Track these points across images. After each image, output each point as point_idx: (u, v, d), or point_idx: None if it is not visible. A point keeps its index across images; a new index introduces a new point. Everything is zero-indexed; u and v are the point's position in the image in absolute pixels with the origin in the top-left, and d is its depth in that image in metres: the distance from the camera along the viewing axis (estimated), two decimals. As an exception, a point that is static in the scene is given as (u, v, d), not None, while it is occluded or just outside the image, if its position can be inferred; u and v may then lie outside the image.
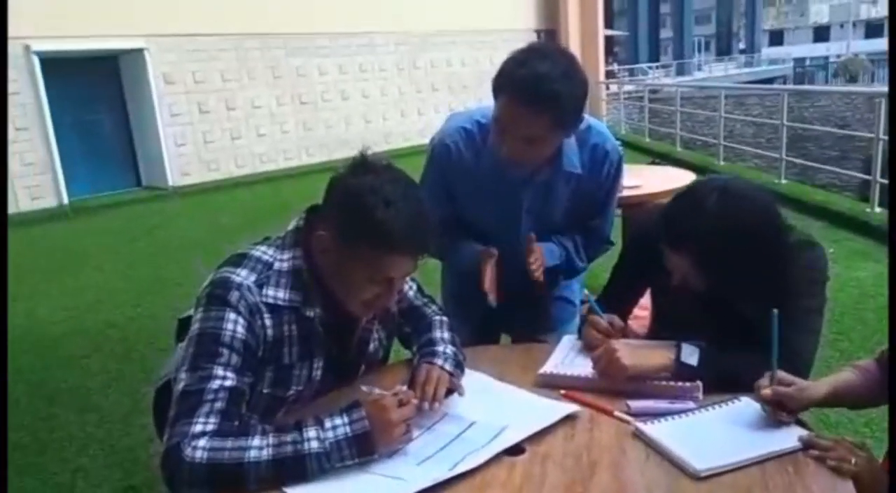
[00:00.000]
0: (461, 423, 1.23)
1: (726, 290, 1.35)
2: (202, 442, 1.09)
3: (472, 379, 1.40)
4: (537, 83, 1.40)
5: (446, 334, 1.46)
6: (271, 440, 1.09)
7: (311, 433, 1.09)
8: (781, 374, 1.15)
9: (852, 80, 30.45)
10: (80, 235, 7.40)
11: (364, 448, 1.10)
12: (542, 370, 1.41)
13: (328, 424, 1.11)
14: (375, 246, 1.17)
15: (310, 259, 1.26)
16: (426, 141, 1.79)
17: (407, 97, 12.67)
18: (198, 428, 1.10)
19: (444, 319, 1.51)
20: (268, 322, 1.22)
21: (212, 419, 1.12)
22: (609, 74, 18.83)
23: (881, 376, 1.21)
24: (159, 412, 1.47)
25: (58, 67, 8.80)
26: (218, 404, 1.13)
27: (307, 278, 1.25)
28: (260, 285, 1.22)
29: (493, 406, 1.29)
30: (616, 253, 1.74)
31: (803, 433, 1.10)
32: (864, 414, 2.39)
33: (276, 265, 1.25)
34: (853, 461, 1.00)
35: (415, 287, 1.54)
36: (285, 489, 1.06)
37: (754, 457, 1.05)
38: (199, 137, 10.31)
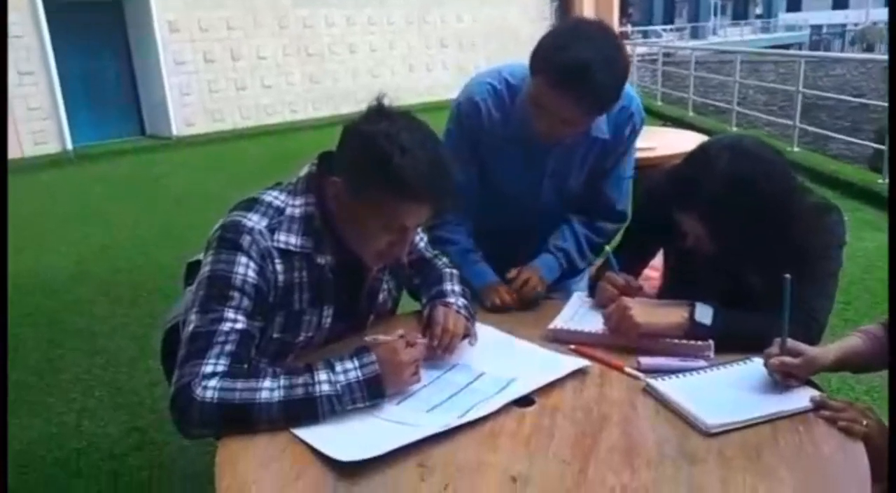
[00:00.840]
0: (470, 373, 1.23)
1: (737, 252, 1.34)
2: (213, 382, 1.09)
3: (481, 332, 1.40)
4: (579, 72, 1.34)
5: (457, 287, 1.45)
6: (282, 381, 1.09)
7: (323, 376, 1.10)
8: (791, 342, 1.14)
9: (869, 49, 29.87)
10: (84, 182, 7.38)
11: (375, 391, 1.11)
12: (551, 325, 1.40)
13: (339, 367, 1.11)
14: (390, 193, 1.15)
15: (322, 206, 1.24)
16: (434, 97, 1.77)
17: (416, 52, 12.46)
18: (208, 369, 1.11)
19: (455, 271, 1.51)
20: (279, 268, 1.21)
21: (222, 361, 1.12)
22: (622, 36, 18.43)
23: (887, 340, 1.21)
24: (167, 355, 1.48)
25: (62, 11, 8.66)
26: (228, 347, 1.13)
27: (319, 225, 1.24)
28: (272, 229, 1.21)
29: (501, 358, 1.29)
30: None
31: (814, 393, 1.10)
32: (864, 382, 2.41)
33: (288, 211, 1.24)
34: (864, 422, 1.00)
35: (425, 239, 1.53)
36: (295, 431, 1.07)
37: (765, 415, 1.05)
38: (204, 86, 10.19)
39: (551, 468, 0.98)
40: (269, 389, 1.08)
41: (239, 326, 1.15)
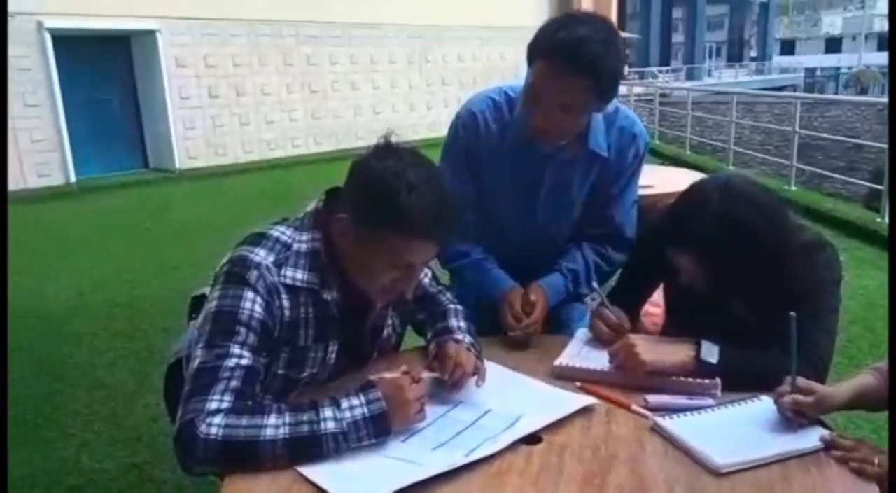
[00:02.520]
0: (476, 410, 1.22)
1: (731, 290, 1.34)
2: (217, 419, 1.08)
3: (490, 369, 1.40)
4: (577, 45, 1.35)
5: (462, 323, 1.45)
6: (287, 418, 1.08)
7: (328, 412, 1.09)
8: (801, 380, 1.13)
9: (863, 91, 30.37)
10: (86, 214, 7.40)
11: (380, 428, 1.10)
12: (557, 362, 1.40)
13: (345, 404, 1.10)
14: (397, 231, 1.16)
15: (328, 242, 1.25)
16: (434, 134, 1.79)
17: (417, 90, 12.65)
18: (213, 405, 1.10)
19: (460, 308, 1.51)
20: (286, 303, 1.21)
21: (227, 397, 1.11)
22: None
23: None
24: (170, 390, 1.47)
25: (70, 45, 8.79)
26: (234, 383, 1.13)
27: (325, 261, 1.25)
28: (279, 265, 1.21)
29: (507, 395, 1.28)
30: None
31: (825, 432, 1.09)
32: (871, 420, 2.38)
33: (295, 246, 1.24)
34: (876, 461, 0.99)
35: (430, 274, 1.53)
36: (299, 469, 1.06)
37: (776, 455, 1.04)
38: (209, 121, 10.30)
39: (561, 508, 0.96)
40: (275, 425, 1.07)
41: (244, 362, 1.15)
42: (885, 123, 6.29)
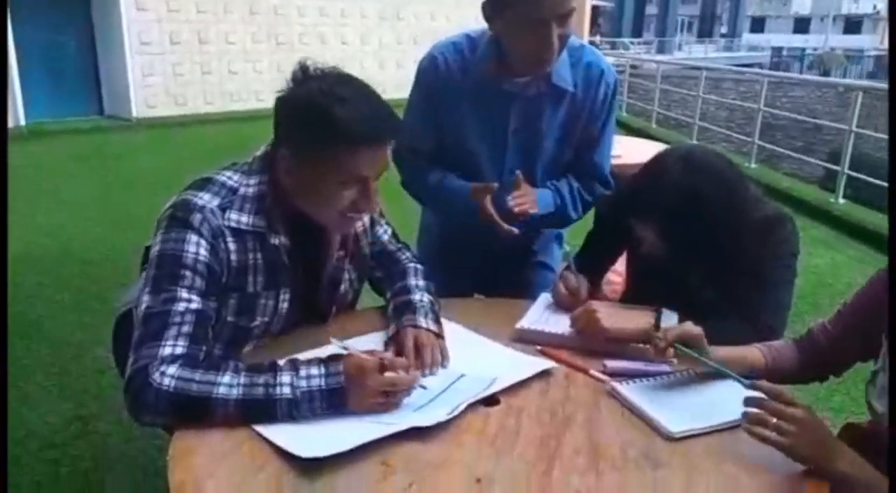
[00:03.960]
0: (449, 376, 1.21)
1: (689, 260, 1.35)
2: (171, 370, 1.05)
3: (451, 330, 1.39)
4: None
5: (421, 282, 1.44)
6: (243, 379, 1.05)
7: (285, 378, 1.06)
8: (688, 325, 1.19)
9: (825, 74, 30.89)
10: (36, 160, 7.10)
11: (335, 403, 1.06)
12: (519, 325, 1.40)
13: (303, 372, 1.07)
14: (339, 145, 1.14)
15: (276, 185, 1.22)
16: (404, 94, 1.74)
17: (387, 48, 12.39)
18: (167, 351, 1.07)
19: (419, 267, 1.49)
20: (231, 247, 1.18)
21: (181, 342, 1.09)
22: (591, 44, 18.73)
23: (798, 358, 1.26)
24: (119, 341, 1.43)
25: (24, -17, 8.33)
26: (185, 328, 1.10)
27: (272, 204, 1.22)
28: (223, 208, 1.18)
29: (476, 359, 1.28)
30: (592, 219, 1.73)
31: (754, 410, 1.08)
32: (810, 391, 2.47)
33: (242, 190, 1.21)
34: (791, 430, 0.95)
35: (389, 232, 1.51)
36: (254, 426, 1.03)
37: (727, 422, 1.06)
38: (169, 68, 9.94)
39: (516, 469, 0.97)
40: (229, 384, 1.04)
41: (193, 306, 1.12)
42: (845, 105, 6.41)
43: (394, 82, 12.20)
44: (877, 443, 1.07)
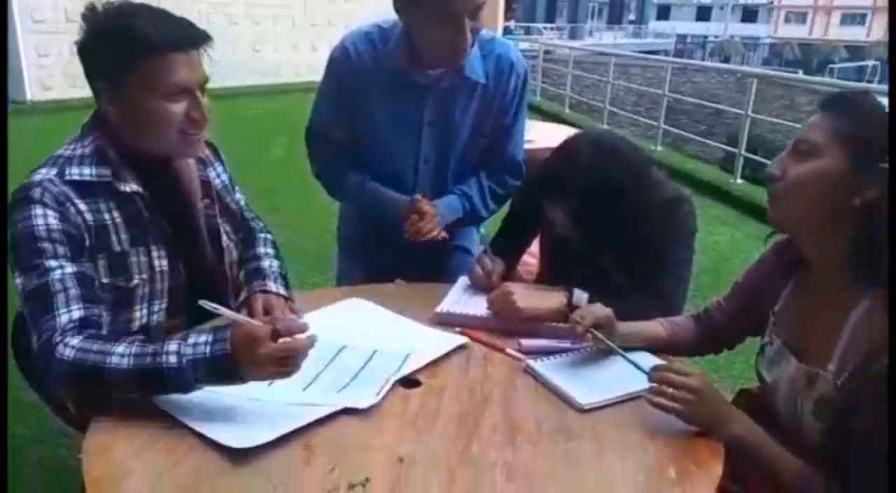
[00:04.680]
0: (363, 353, 1.23)
1: (596, 240, 1.41)
2: (74, 341, 1.05)
3: (367, 309, 1.41)
4: None
5: (270, 250, 1.50)
6: (135, 348, 1.04)
7: (172, 346, 1.03)
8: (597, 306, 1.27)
9: (726, 60, 32.57)
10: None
11: (223, 372, 1.01)
12: (438, 308, 1.43)
13: (191, 339, 1.03)
14: (149, 57, 1.14)
15: (112, 137, 1.22)
16: (317, 77, 1.73)
17: (300, 29, 12.06)
18: (63, 318, 1.07)
19: (269, 236, 1.55)
20: (82, 207, 1.16)
21: (73, 306, 1.09)
22: (506, 30, 18.92)
23: (696, 331, 1.36)
24: (18, 340, 1.38)
25: None
26: (72, 291, 1.10)
27: (114, 155, 1.21)
28: (61, 174, 1.17)
29: (390, 336, 1.31)
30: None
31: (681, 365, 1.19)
32: (712, 361, 2.64)
33: (79, 152, 1.21)
34: (687, 396, 1.03)
35: (244, 200, 1.53)
36: (182, 418, 1.02)
37: (633, 392, 1.13)
38: (65, 48, 9.27)
39: (437, 447, 1.00)
40: (121, 354, 1.03)
41: (68, 270, 1.11)
42: (743, 91, 6.80)
43: (307, 65, 11.99)
44: (765, 407, 1.18)
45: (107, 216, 1.19)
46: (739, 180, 5.81)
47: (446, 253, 1.91)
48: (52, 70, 9.26)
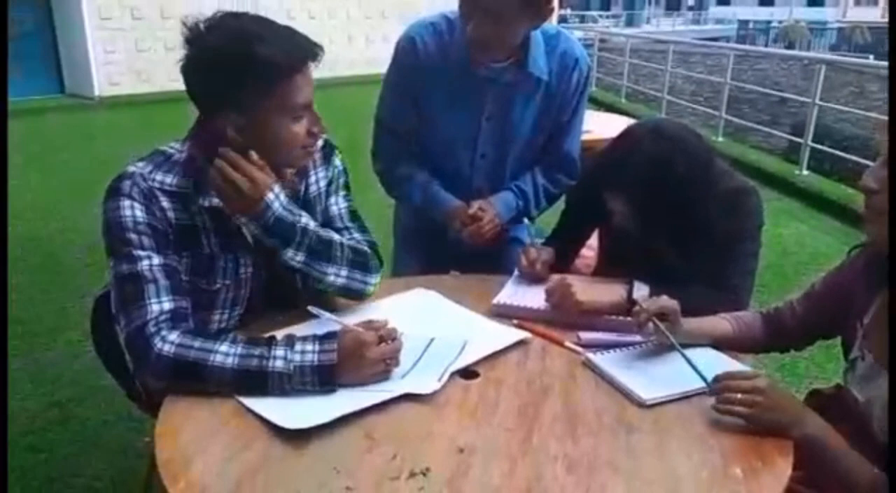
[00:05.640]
0: (421, 341, 1.23)
1: (658, 231, 1.39)
2: (173, 336, 1.10)
3: (426, 297, 1.43)
4: None
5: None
6: (240, 349, 1.09)
7: (280, 351, 1.09)
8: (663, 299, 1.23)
9: (790, 46, 31.24)
10: (-5, 140, 6.90)
11: (325, 379, 1.08)
12: (495, 300, 1.43)
13: (298, 347, 1.10)
14: (278, 82, 1.15)
15: (207, 147, 1.20)
16: (372, 70, 1.76)
17: (355, 22, 12.19)
18: (154, 308, 1.12)
19: (351, 244, 1.36)
20: (165, 205, 1.19)
21: (164, 297, 1.13)
22: (561, 19, 18.66)
23: (764, 330, 1.31)
24: (97, 324, 1.44)
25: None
26: (161, 282, 1.14)
27: (202, 165, 1.21)
28: (152, 173, 1.20)
29: (450, 326, 1.31)
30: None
31: (743, 368, 1.16)
32: (776, 359, 2.56)
33: (175, 156, 1.23)
34: (752, 401, 1.00)
35: (344, 207, 1.42)
36: (241, 399, 1.06)
37: (697, 389, 1.10)
38: (131, 44, 9.66)
39: (497, 438, 1.00)
40: (225, 353, 1.08)
41: (156, 261, 1.16)
42: (809, 78, 6.52)
43: (364, 58, 12.10)
44: (840, 410, 1.13)
45: (197, 219, 1.22)
46: (805, 171, 5.59)
47: (501, 245, 1.90)
48: (119, 66, 9.63)
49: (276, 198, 1.19)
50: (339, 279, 1.29)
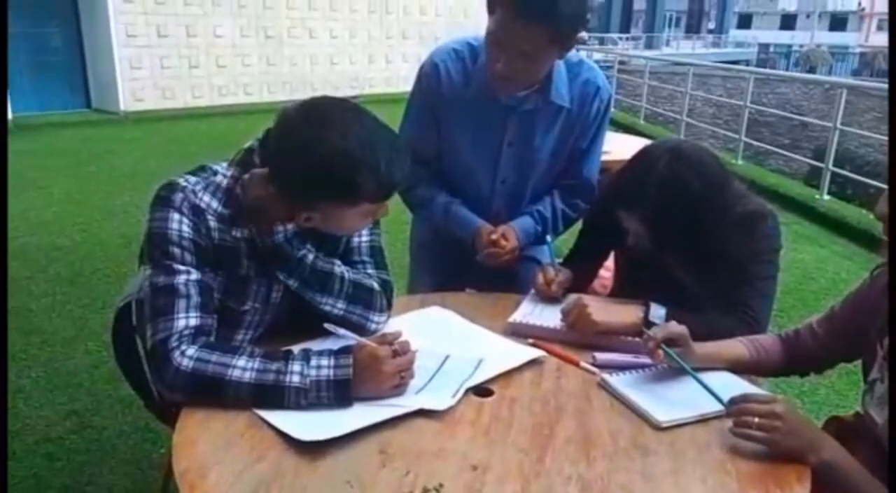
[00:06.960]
0: (436, 357, 1.23)
1: (674, 252, 1.38)
2: (191, 351, 1.11)
3: (441, 315, 1.43)
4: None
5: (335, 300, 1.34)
6: (257, 364, 1.10)
7: (296, 366, 1.10)
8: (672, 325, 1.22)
9: (811, 70, 31.12)
10: (24, 154, 7.04)
11: (341, 394, 1.09)
12: (511, 319, 1.43)
13: (314, 362, 1.11)
14: (365, 204, 1.17)
15: (244, 189, 1.21)
16: (392, 89, 1.80)
17: (376, 42, 12.35)
18: (180, 323, 1.13)
19: (359, 281, 1.34)
20: (212, 225, 1.20)
21: (192, 313, 1.15)
22: (579, 41, 18.76)
23: (783, 353, 1.29)
24: (118, 334, 1.45)
25: (6, -28, 8.22)
26: (194, 299, 1.15)
27: (240, 199, 1.22)
28: (201, 191, 1.21)
29: (463, 343, 1.32)
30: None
31: (760, 391, 1.15)
32: (793, 384, 2.52)
33: (220, 179, 1.23)
34: (756, 420, 1.00)
35: (365, 241, 1.41)
36: (258, 411, 1.07)
37: (713, 412, 1.09)
38: (156, 61, 9.86)
39: (510, 457, 1.00)
40: (242, 368, 1.10)
41: (193, 276, 1.17)
42: (830, 102, 6.49)
43: (383, 77, 12.26)
44: (860, 437, 1.11)
45: (241, 243, 1.23)
46: (826, 196, 5.54)
47: (518, 264, 1.91)
48: (144, 82, 9.82)
49: (284, 231, 1.22)
50: (335, 310, 1.29)
